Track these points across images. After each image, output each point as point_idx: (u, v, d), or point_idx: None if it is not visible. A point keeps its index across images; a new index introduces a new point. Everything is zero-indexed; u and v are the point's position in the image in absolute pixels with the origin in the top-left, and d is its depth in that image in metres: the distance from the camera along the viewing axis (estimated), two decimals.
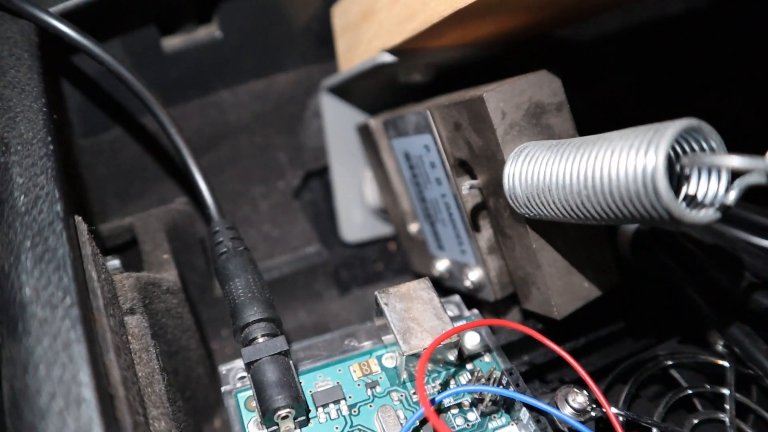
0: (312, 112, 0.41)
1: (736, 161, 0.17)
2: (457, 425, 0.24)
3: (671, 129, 0.18)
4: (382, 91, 0.36)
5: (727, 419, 0.24)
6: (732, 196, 0.18)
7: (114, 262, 0.27)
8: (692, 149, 0.19)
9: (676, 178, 0.19)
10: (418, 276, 0.28)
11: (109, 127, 0.35)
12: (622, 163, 0.19)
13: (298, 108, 0.41)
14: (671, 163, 0.19)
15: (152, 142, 0.37)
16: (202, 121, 0.38)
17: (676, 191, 0.19)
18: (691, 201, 0.19)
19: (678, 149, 0.19)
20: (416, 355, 0.24)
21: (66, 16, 0.28)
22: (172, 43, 0.35)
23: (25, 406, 0.16)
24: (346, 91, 0.38)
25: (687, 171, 0.18)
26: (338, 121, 0.40)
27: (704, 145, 0.19)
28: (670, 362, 0.27)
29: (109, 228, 0.31)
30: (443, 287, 0.34)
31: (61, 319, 0.17)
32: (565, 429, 0.23)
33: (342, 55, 0.38)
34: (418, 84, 0.37)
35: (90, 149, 0.34)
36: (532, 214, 0.24)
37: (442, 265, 0.34)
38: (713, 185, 0.18)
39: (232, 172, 0.39)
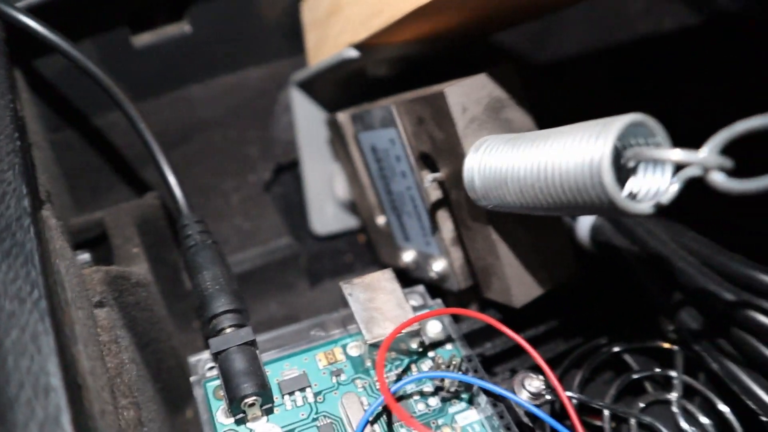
0: (283, 106, 0.42)
1: (674, 154, 0.18)
2: (419, 410, 0.24)
3: (617, 123, 0.19)
4: (349, 85, 0.37)
5: (674, 400, 0.25)
6: (673, 189, 0.19)
7: (84, 256, 0.27)
8: (638, 144, 0.20)
9: (624, 171, 0.20)
10: (385, 267, 0.29)
11: (79, 121, 0.35)
12: (572, 155, 0.20)
13: (269, 102, 0.41)
14: (618, 156, 0.20)
15: (122, 137, 0.37)
16: (172, 115, 0.39)
17: (623, 183, 0.20)
18: (636, 193, 0.20)
19: (626, 143, 0.20)
20: (378, 344, 0.24)
21: (33, 12, 0.28)
22: (143, 39, 0.35)
23: None
24: (314, 85, 0.39)
25: (632, 164, 0.19)
26: (308, 116, 0.41)
27: (650, 140, 0.20)
28: (622, 348, 0.28)
29: (79, 222, 0.31)
30: (410, 278, 0.35)
31: (29, 312, 0.17)
32: (521, 413, 0.25)
33: (311, 49, 0.38)
34: (385, 78, 0.37)
35: (59, 144, 0.34)
36: (491, 206, 0.25)
37: (408, 257, 0.35)
38: (657, 178, 0.19)
39: (203, 166, 0.40)
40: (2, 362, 0.17)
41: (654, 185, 0.20)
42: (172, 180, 0.29)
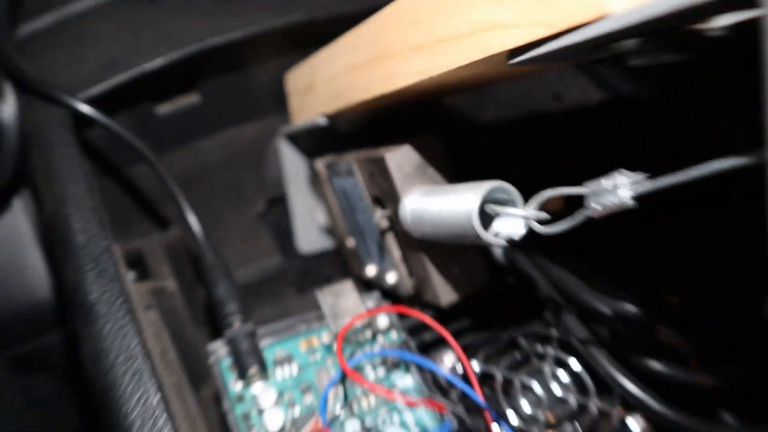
0: (272, 153, 0.53)
1: (509, 210, 0.29)
2: (370, 378, 0.35)
3: (485, 186, 0.30)
4: (322, 138, 0.48)
5: (547, 368, 0.36)
6: (520, 230, 0.30)
7: (131, 274, 0.38)
8: (502, 199, 0.31)
9: (490, 217, 0.31)
10: (357, 278, 0.40)
11: (112, 171, 0.46)
12: (458, 206, 0.31)
13: (261, 149, 0.52)
14: (485, 207, 0.30)
15: (146, 183, 0.48)
16: (184, 163, 0.50)
17: (490, 224, 0.30)
18: (498, 232, 0.31)
19: (494, 199, 0.31)
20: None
21: (88, 101, 0.39)
22: (163, 108, 0.46)
23: (99, 363, 0.27)
24: (296, 138, 0.50)
25: (493, 214, 0.30)
26: (293, 160, 0.52)
27: (508, 197, 0.30)
28: (517, 333, 0.39)
29: (124, 250, 0.42)
30: (373, 286, 0.46)
31: (117, 311, 0.28)
32: (442, 380, 0.35)
33: (293, 112, 0.49)
34: (351, 132, 0.48)
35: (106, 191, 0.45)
36: (419, 236, 0.36)
37: (371, 271, 0.46)
38: (510, 223, 0.30)
39: (209, 202, 0.51)
40: (105, 341, 0.28)
41: (508, 228, 0.30)
42: (191, 218, 0.40)
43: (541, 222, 0.28)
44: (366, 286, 0.45)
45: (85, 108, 0.38)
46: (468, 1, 0.24)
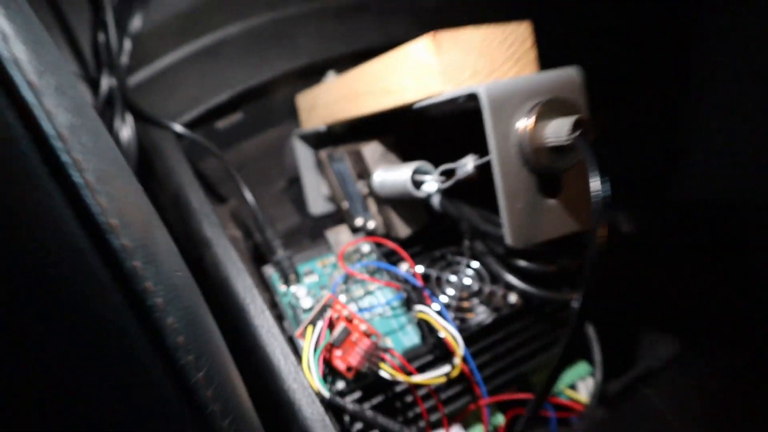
0: (289, 147, 0.78)
1: (426, 177, 0.54)
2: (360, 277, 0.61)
3: (413, 165, 0.55)
4: (323, 137, 0.73)
5: (462, 269, 0.62)
6: (434, 188, 0.55)
7: None
8: (425, 171, 0.56)
9: (420, 182, 0.56)
10: (350, 227, 0.65)
11: (193, 166, 0.72)
12: (400, 176, 0.56)
13: (282, 145, 0.77)
14: (414, 176, 0.56)
15: (212, 173, 0.73)
16: (233, 158, 0.75)
17: (420, 186, 0.56)
18: (427, 191, 0.56)
19: (421, 170, 0.56)
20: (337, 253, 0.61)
21: (182, 125, 0.64)
22: (220, 123, 0.72)
23: (218, 268, 0.53)
24: (305, 137, 0.75)
25: (419, 179, 0.55)
26: (303, 151, 0.77)
27: (427, 170, 0.56)
28: (447, 251, 0.64)
29: None
30: (360, 230, 0.71)
31: (223, 241, 0.54)
32: (400, 277, 0.61)
33: (302, 121, 0.74)
34: (342, 131, 0.74)
35: None
36: (384, 196, 0.61)
37: (359, 221, 0.71)
38: (428, 184, 0.55)
39: (250, 182, 0.76)
40: (218, 257, 0.53)
41: (427, 187, 0.55)
42: (246, 192, 0.66)
43: (438, 183, 0.53)
44: (355, 231, 0.71)
45: (180, 129, 0.63)
46: (396, 74, 0.49)
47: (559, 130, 0.38)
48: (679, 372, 0.52)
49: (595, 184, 0.34)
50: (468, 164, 0.47)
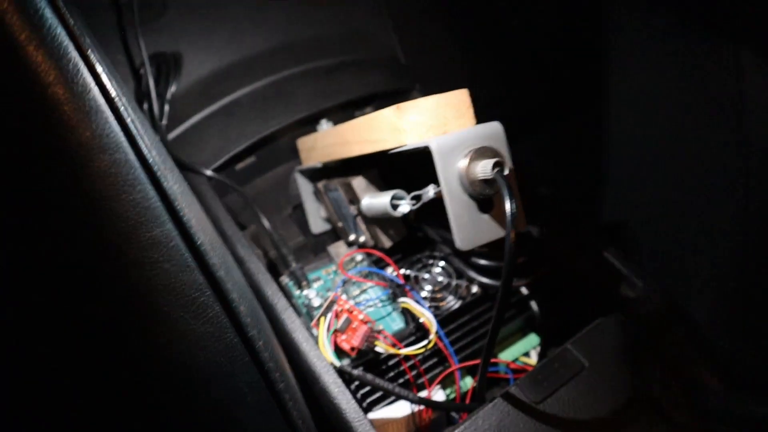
0: (293, 180, 0.96)
1: (401, 202, 0.72)
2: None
3: (391, 192, 0.73)
4: (320, 172, 0.92)
5: (435, 269, 0.81)
6: (407, 210, 0.73)
7: None
8: (400, 196, 0.74)
9: (396, 205, 0.74)
10: (345, 242, 0.84)
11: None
12: (382, 201, 0.74)
13: (287, 179, 0.96)
14: (392, 200, 0.74)
15: (233, 206, 0.91)
16: (249, 192, 0.93)
17: (396, 208, 0.74)
18: (403, 212, 0.74)
19: (397, 196, 0.74)
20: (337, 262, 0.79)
21: (212, 170, 0.82)
22: (239, 166, 0.90)
23: (250, 278, 0.71)
24: (305, 172, 0.93)
25: (396, 203, 0.74)
26: (304, 183, 0.95)
27: (402, 195, 0.74)
28: (423, 255, 0.83)
29: None
30: (353, 244, 0.89)
31: (253, 258, 0.72)
32: (387, 278, 0.79)
33: (303, 159, 0.93)
34: (335, 167, 0.92)
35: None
36: (371, 216, 0.80)
37: (352, 237, 0.89)
38: (403, 207, 0.74)
39: (263, 211, 0.94)
40: (249, 270, 0.71)
41: (402, 209, 0.74)
42: (264, 219, 0.84)
43: (410, 205, 0.72)
44: (350, 245, 0.89)
45: (210, 173, 0.82)
46: (375, 130, 0.68)
47: (485, 168, 0.56)
48: (598, 334, 0.70)
49: (508, 205, 0.53)
50: (430, 191, 0.66)
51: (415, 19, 1.06)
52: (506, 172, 0.56)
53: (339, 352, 0.71)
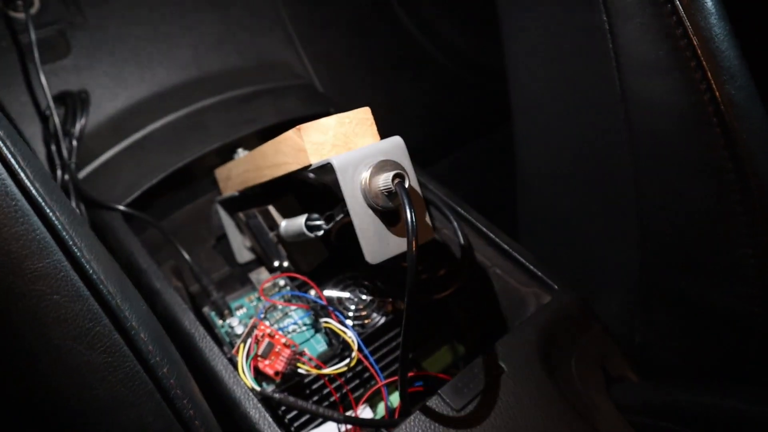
0: (214, 211, 0.96)
1: (315, 224, 0.73)
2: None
3: (305, 215, 0.74)
4: (239, 201, 0.92)
5: (356, 289, 0.81)
6: (321, 232, 0.74)
7: None
8: (315, 218, 0.75)
9: (311, 226, 0.75)
10: (267, 268, 0.84)
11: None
12: (298, 224, 0.75)
13: (208, 210, 0.95)
14: (307, 222, 0.75)
15: (152, 240, 0.90)
16: (169, 226, 0.92)
17: (312, 230, 0.75)
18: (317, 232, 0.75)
19: (311, 218, 0.75)
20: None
21: (125, 205, 0.81)
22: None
23: (169, 312, 0.70)
24: (224, 202, 0.93)
25: (311, 225, 0.74)
26: (224, 214, 0.95)
27: (317, 218, 0.75)
28: (345, 276, 0.83)
29: None
30: (275, 269, 0.89)
31: (169, 290, 0.71)
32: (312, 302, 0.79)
33: (222, 188, 0.93)
34: (254, 195, 0.92)
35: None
36: (290, 241, 0.80)
37: (275, 262, 0.89)
38: (319, 228, 0.74)
39: (184, 243, 0.93)
40: (163, 303, 0.70)
41: (316, 231, 0.74)
42: (183, 252, 0.83)
43: (323, 228, 0.72)
44: (273, 271, 0.89)
45: (123, 209, 0.81)
46: (281, 153, 0.68)
47: (386, 180, 0.58)
48: (516, 339, 0.71)
49: (408, 215, 0.54)
50: (340, 210, 0.67)
51: (328, 47, 1.08)
52: (407, 184, 0.57)
53: (263, 377, 0.70)
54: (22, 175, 0.42)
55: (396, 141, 0.62)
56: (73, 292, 0.44)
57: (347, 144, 0.63)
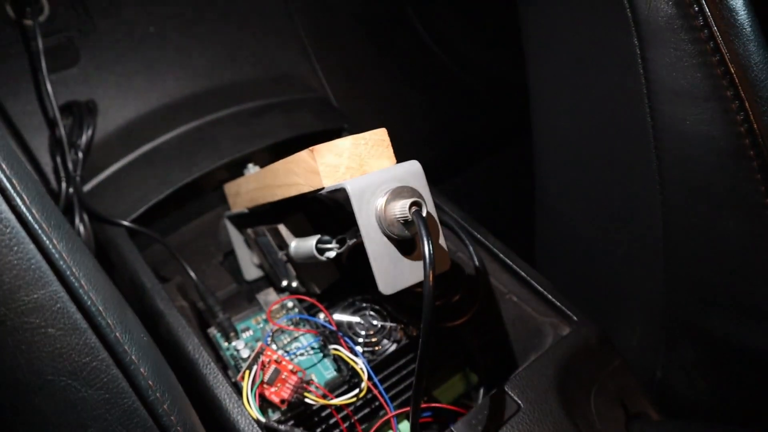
0: (222, 226, 0.93)
1: (327, 246, 0.70)
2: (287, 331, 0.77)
3: (316, 237, 0.71)
4: (248, 217, 0.89)
5: (366, 313, 0.78)
6: (333, 254, 0.71)
7: None
8: (325, 241, 0.72)
9: (322, 249, 0.72)
10: (276, 288, 0.81)
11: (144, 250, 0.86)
12: (308, 245, 0.72)
13: (216, 225, 0.93)
14: (318, 245, 0.72)
15: (158, 257, 0.88)
16: (176, 241, 0.90)
17: (323, 252, 0.72)
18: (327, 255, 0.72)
19: (322, 240, 0.72)
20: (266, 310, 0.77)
21: (131, 221, 0.79)
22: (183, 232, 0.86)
23: (172, 334, 0.67)
24: (233, 218, 0.91)
25: (322, 247, 0.72)
26: (233, 230, 0.92)
27: (328, 240, 0.72)
28: (354, 299, 0.81)
29: None
30: (284, 290, 0.86)
31: (173, 311, 0.69)
32: (320, 325, 0.76)
33: (231, 204, 0.90)
34: (263, 211, 0.90)
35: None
36: (300, 261, 0.77)
37: (283, 282, 0.87)
38: (328, 251, 0.71)
39: (192, 260, 0.91)
40: (168, 325, 0.68)
41: (327, 253, 0.72)
42: (189, 269, 0.80)
43: (335, 249, 0.70)
44: (280, 291, 0.86)
45: (128, 224, 0.78)
46: (292, 174, 0.66)
47: (402, 209, 0.55)
48: (533, 373, 0.68)
49: (426, 246, 0.51)
50: (353, 234, 0.64)
51: (343, 60, 1.05)
52: (424, 212, 0.55)
53: (268, 405, 0.67)
54: (18, 200, 0.40)
55: (413, 166, 0.60)
56: (70, 325, 0.41)
57: (362, 166, 0.61)
